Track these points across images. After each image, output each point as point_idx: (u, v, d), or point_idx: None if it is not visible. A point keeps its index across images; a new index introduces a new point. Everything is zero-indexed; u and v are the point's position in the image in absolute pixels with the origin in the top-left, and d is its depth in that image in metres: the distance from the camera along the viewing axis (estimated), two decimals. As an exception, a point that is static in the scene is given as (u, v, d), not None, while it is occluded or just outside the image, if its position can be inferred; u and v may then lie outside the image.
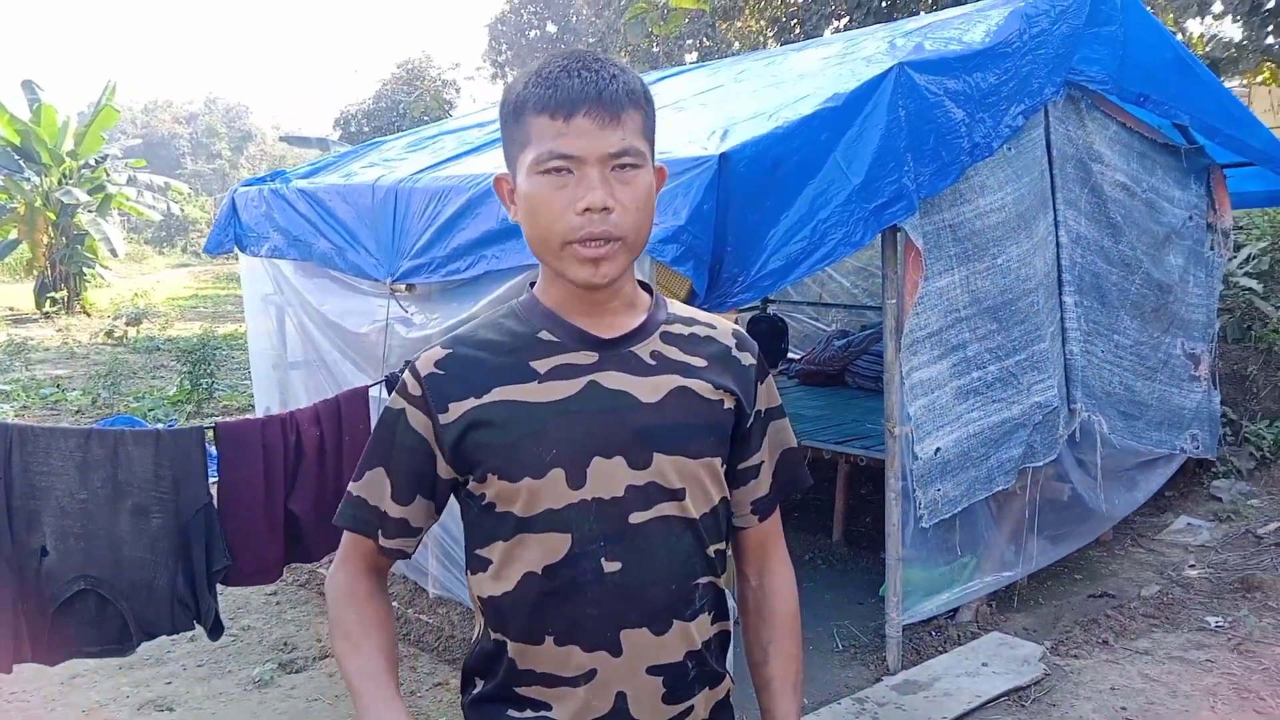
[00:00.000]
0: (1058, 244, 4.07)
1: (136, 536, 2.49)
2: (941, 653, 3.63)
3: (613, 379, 1.17)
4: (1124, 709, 3.21)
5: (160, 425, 7.51)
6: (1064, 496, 4.21)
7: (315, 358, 4.53)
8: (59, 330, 14.58)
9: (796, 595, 1.37)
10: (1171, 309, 4.69)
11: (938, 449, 3.56)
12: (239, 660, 3.79)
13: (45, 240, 17.17)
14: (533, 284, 1.26)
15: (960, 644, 3.69)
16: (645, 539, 1.17)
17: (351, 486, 1.25)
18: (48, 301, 16.70)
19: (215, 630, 2.76)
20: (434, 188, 3.63)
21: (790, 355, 6.97)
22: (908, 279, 3.46)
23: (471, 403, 1.17)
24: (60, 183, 17.26)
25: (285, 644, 3.92)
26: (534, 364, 1.17)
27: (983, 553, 3.87)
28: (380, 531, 1.23)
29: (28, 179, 17.05)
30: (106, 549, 2.46)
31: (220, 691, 3.55)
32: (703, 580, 1.22)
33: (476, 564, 1.21)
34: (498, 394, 1.16)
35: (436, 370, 1.19)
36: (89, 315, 16.77)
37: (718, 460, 1.23)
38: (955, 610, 3.86)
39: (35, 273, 17.92)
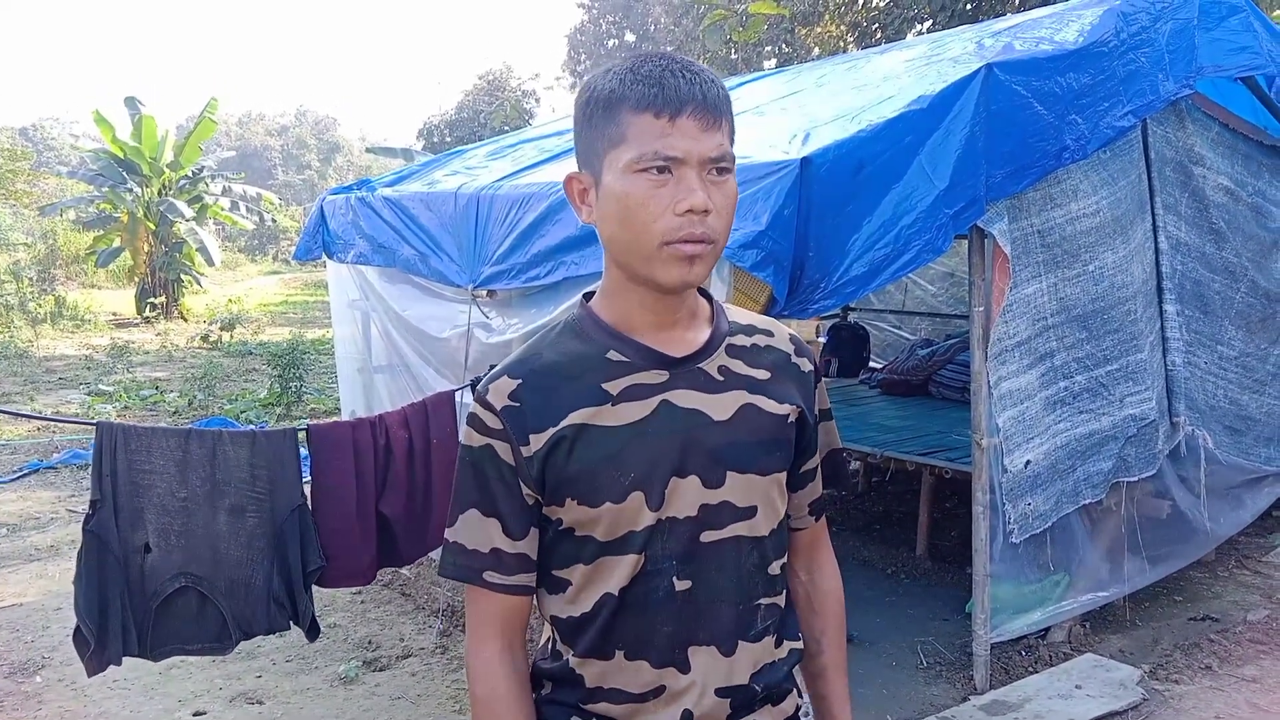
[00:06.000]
0: (1157, 250, 3.90)
1: (234, 535, 2.55)
2: (1032, 673, 3.50)
3: (684, 398, 1.17)
4: (1229, 739, 3.05)
5: (253, 426, 7.75)
6: (1164, 514, 4.02)
7: (398, 362, 4.62)
8: (158, 334, 15.24)
9: (842, 585, 1.39)
10: (1280, 319, 4.46)
11: (1028, 461, 3.44)
12: (325, 657, 3.87)
13: (146, 249, 18.00)
14: (586, 297, 1.24)
15: (1052, 665, 3.55)
16: (715, 558, 1.17)
17: (448, 533, 1.22)
18: (148, 307, 17.50)
19: (312, 631, 2.81)
20: (515, 195, 3.66)
21: (872, 364, 6.85)
22: (996, 286, 3.35)
23: (549, 431, 1.15)
24: (160, 194, 18.06)
25: (369, 642, 4.00)
26: (606, 386, 1.16)
27: (1076, 571, 3.72)
28: (490, 571, 1.18)
29: (130, 190, 17.89)
30: (205, 547, 2.53)
31: (307, 687, 3.63)
32: (764, 601, 1.22)
33: (553, 585, 1.20)
34: (573, 419, 1.15)
35: (511, 403, 1.16)
36: (186, 320, 17.51)
37: (784, 475, 1.24)
38: (1046, 630, 3.72)
39: (136, 279, 18.80)
